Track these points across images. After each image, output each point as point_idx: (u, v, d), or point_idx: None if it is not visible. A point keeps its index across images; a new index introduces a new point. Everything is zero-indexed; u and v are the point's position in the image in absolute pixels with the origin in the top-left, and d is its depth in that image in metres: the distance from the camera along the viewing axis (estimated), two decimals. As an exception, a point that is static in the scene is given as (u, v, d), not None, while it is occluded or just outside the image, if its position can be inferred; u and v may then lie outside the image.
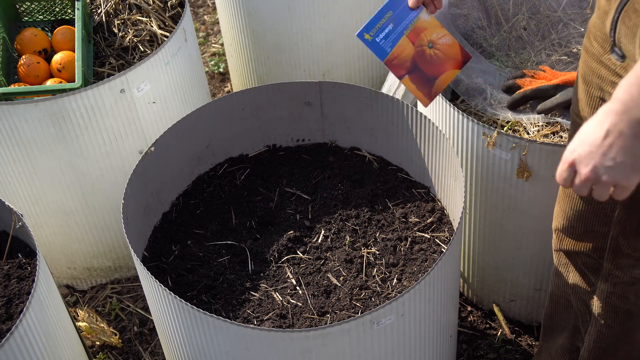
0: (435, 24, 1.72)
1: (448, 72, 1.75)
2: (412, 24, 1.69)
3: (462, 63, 1.76)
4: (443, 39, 1.73)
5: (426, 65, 1.72)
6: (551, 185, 1.82)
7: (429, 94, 1.74)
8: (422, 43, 1.71)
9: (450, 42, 1.73)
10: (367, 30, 1.69)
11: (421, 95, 1.74)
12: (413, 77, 1.72)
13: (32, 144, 2.04)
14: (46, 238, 2.31)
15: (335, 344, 1.48)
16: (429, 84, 1.73)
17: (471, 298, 2.28)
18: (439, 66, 1.73)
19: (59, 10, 2.32)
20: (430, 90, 1.74)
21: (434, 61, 1.72)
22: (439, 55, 1.73)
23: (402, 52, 1.70)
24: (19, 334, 1.53)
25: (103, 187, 2.20)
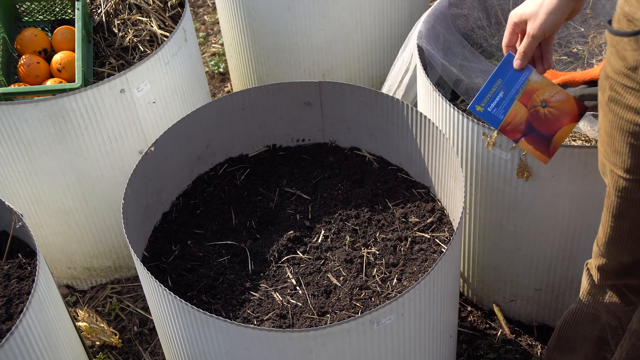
0: (547, 83, 1.66)
1: (564, 127, 1.68)
2: (523, 87, 1.64)
3: (579, 116, 1.68)
4: (556, 96, 1.66)
5: (541, 125, 1.67)
6: (551, 185, 1.82)
7: (546, 151, 1.68)
8: (534, 104, 1.66)
9: (565, 98, 1.66)
10: (478, 102, 1.66)
11: (539, 154, 1.68)
12: (529, 139, 1.67)
13: (32, 144, 2.04)
14: (46, 238, 2.31)
15: (335, 344, 1.48)
16: (546, 142, 1.68)
17: (471, 298, 2.28)
18: (554, 123, 1.67)
19: (59, 10, 2.32)
20: (548, 148, 1.68)
21: (549, 120, 1.67)
22: (554, 112, 1.67)
23: (516, 117, 1.66)
24: (19, 334, 1.53)
25: (103, 187, 2.20)
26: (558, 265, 2.01)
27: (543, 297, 2.12)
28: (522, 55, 1.60)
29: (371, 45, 2.68)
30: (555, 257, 1.99)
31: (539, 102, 1.66)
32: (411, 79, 2.36)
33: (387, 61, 2.72)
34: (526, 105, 1.66)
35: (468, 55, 2.06)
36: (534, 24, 1.51)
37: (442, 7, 2.12)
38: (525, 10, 1.53)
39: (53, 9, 2.32)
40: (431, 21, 2.08)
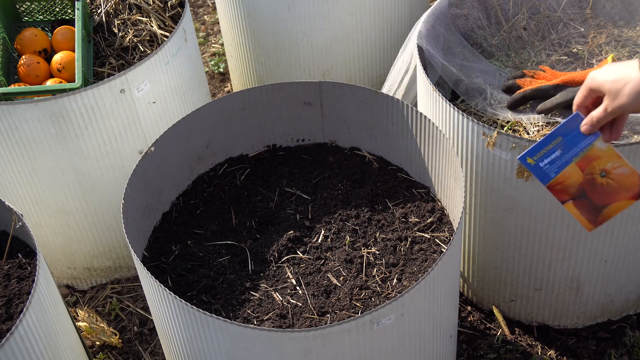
0: (612, 153, 1.54)
1: (619, 202, 1.59)
2: (584, 152, 1.54)
3: (638, 195, 1.59)
4: (620, 169, 1.55)
5: (595, 194, 1.58)
6: (551, 185, 1.82)
7: (594, 220, 1.61)
8: (593, 171, 1.56)
9: (628, 173, 1.56)
10: (530, 155, 1.58)
11: (585, 221, 1.61)
12: (578, 203, 1.60)
13: (32, 144, 2.04)
14: (46, 238, 2.31)
15: (335, 344, 1.48)
16: (596, 211, 1.60)
17: (471, 298, 2.28)
18: (610, 196, 1.58)
19: (59, 10, 2.32)
20: (596, 217, 1.60)
21: (605, 190, 1.58)
22: (612, 185, 1.57)
23: (568, 179, 1.58)
24: (19, 334, 1.53)
25: (103, 187, 2.20)
26: (558, 265, 2.01)
27: (543, 297, 2.12)
28: (593, 124, 1.49)
29: (371, 45, 2.68)
30: (555, 257, 1.99)
31: (599, 171, 1.57)
32: (411, 79, 2.36)
33: (387, 61, 2.72)
34: (583, 170, 1.57)
35: (468, 55, 2.06)
36: (614, 102, 1.41)
37: (442, 7, 2.12)
38: (605, 80, 1.42)
39: (53, 9, 2.32)
40: (431, 21, 2.08)
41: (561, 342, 2.17)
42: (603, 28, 2.13)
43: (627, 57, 2.03)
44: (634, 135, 1.81)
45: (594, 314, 2.16)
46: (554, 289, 2.08)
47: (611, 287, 2.08)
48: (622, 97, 1.39)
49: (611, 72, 1.41)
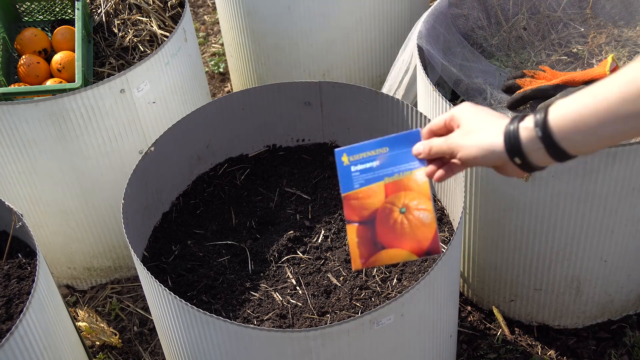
0: (425, 192, 1.34)
1: (402, 250, 1.35)
2: (399, 176, 1.35)
3: (425, 253, 1.34)
4: (422, 212, 1.34)
5: (384, 228, 1.35)
6: (551, 185, 1.82)
7: (365, 257, 1.35)
8: (395, 201, 1.35)
9: (427, 222, 1.33)
10: (349, 153, 1.40)
11: (356, 254, 1.36)
12: (362, 230, 1.36)
13: (32, 144, 2.04)
14: (46, 238, 2.31)
15: (335, 344, 1.48)
16: (374, 248, 1.36)
17: (471, 298, 2.28)
18: (397, 238, 1.35)
19: (59, 10, 2.32)
20: (369, 256, 1.35)
21: (395, 229, 1.35)
22: (405, 226, 1.35)
23: (368, 198, 1.36)
24: (19, 334, 1.53)
25: (103, 187, 2.20)
26: (558, 265, 2.01)
27: (543, 297, 2.12)
28: (428, 151, 1.31)
29: (371, 45, 2.68)
30: (555, 257, 1.99)
31: (401, 204, 1.35)
32: (411, 79, 2.36)
33: (387, 61, 2.72)
34: (387, 196, 1.36)
35: (468, 55, 2.06)
36: (461, 152, 1.23)
37: (442, 7, 2.12)
38: (460, 117, 1.25)
39: (53, 9, 2.32)
40: (431, 21, 2.08)
41: (561, 342, 2.17)
42: (603, 28, 2.13)
43: (627, 57, 2.03)
44: (634, 135, 1.81)
45: (594, 314, 2.16)
46: (554, 289, 2.08)
47: (611, 287, 2.08)
48: (469, 149, 1.21)
49: (471, 110, 1.25)
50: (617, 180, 1.79)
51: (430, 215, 1.34)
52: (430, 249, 1.34)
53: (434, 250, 1.34)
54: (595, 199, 1.83)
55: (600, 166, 1.75)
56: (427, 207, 1.34)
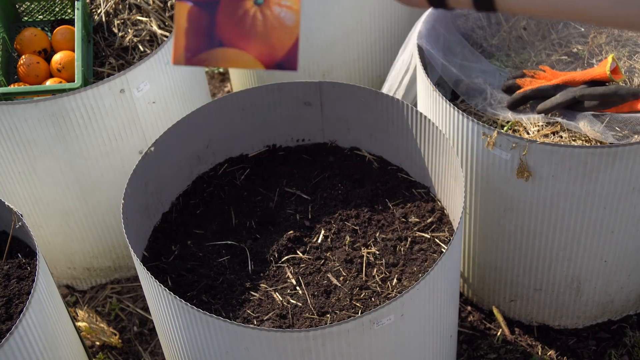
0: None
1: (245, 54, 1.07)
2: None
3: (275, 65, 1.08)
4: (284, 11, 1.06)
5: (227, 19, 1.07)
6: (551, 185, 1.82)
7: (192, 51, 1.07)
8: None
9: (289, 24, 1.06)
10: None
11: (181, 45, 1.06)
12: (194, 13, 1.06)
13: (32, 144, 2.04)
14: (46, 238, 2.31)
15: (335, 344, 1.48)
16: (207, 42, 1.07)
17: (471, 298, 2.28)
18: (242, 36, 1.07)
19: (58, 10, 2.32)
20: (198, 51, 1.07)
21: (242, 24, 1.06)
22: (258, 24, 1.06)
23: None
24: (18, 334, 1.53)
25: (103, 187, 2.20)
26: (558, 265, 2.01)
27: (543, 297, 2.12)
28: None
29: (371, 45, 2.68)
30: (555, 257, 1.99)
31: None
32: (411, 79, 2.36)
33: (387, 61, 2.72)
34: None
35: (468, 55, 2.06)
36: None
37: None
38: None
39: (53, 9, 2.32)
40: (431, 21, 2.08)
41: (561, 342, 2.17)
42: (603, 28, 2.13)
43: (627, 56, 2.03)
44: (634, 135, 1.81)
45: (594, 314, 2.16)
46: (554, 289, 2.08)
47: (611, 287, 2.08)
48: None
49: None
50: (617, 180, 1.79)
51: (295, 17, 1.06)
52: (284, 62, 1.07)
53: (288, 64, 1.07)
54: (595, 199, 1.83)
55: (600, 166, 1.75)
56: (293, 4, 1.06)
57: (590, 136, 1.83)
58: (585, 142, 1.84)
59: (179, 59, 1.06)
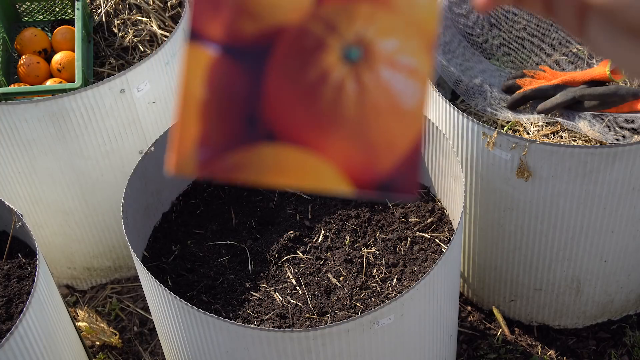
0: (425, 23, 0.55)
1: (319, 163, 0.55)
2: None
3: (380, 186, 0.56)
4: (400, 77, 0.54)
5: (286, 89, 0.55)
6: (551, 185, 1.82)
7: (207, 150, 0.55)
8: (336, 22, 0.54)
9: (411, 103, 0.54)
10: None
11: (186, 138, 0.56)
12: (221, 68, 0.55)
13: (32, 144, 2.04)
14: (46, 238, 2.31)
15: (335, 344, 1.48)
16: (242, 130, 0.56)
17: (471, 298, 2.28)
18: (317, 126, 0.55)
19: (59, 10, 2.32)
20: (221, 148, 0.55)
21: (320, 101, 0.55)
22: (349, 103, 0.54)
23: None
24: (18, 334, 1.53)
25: (103, 187, 2.20)
26: (558, 265, 2.01)
27: (543, 297, 2.12)
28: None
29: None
30: (555, 257, 1.99)
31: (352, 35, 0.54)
32: (411, 79, 2.35)
33: (387, 61, 2.72)
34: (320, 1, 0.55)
35: (468, 55, 2.06)
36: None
37: (442, 7, 2.12)
38: None
39: (53, 9, 2.32)
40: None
41: (561, 342, 2.17)
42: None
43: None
44: (634, 135, 1.81)
45: (594, 314, 2.16)
46: (554, 289, 2.08)
47: (611, 287, 2.08)
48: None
49: None
50: (617, 180, 1.79)
51: (421, 89, 0.55)
52: (395, 180, 0.56)
53: (402, 183, 0.56)
54: (595, 199, 1.83)
55: (600, 166, 1.75)
56: (423, 67, 0.55)
57: (590, 136, 1.83)
58: (585, 142, 1.84)
59: (185, 162, 0.56)
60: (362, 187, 0.55)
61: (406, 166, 0.54)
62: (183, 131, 0.55)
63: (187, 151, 0.55)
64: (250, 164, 0.53)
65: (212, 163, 0.54)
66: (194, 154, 0.55)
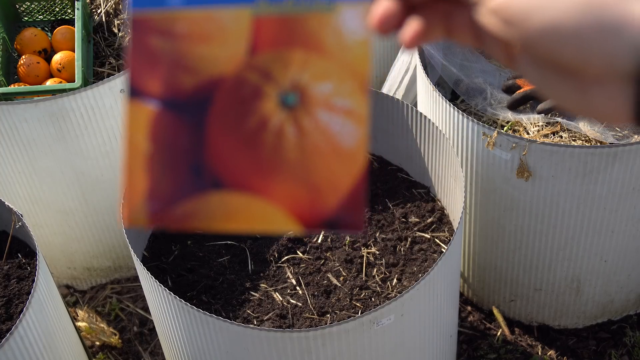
0: (356, 64, 0.55)
1: (265, 205, 0.56)
2: (300, 6, 0.55)
3: (325, 224, 0.56)
4: (337, 119, 0.56)
5: (228, 138, 0.56)
6: (551, 185, 1.82)
7: (157, 201, 0.56)
8: (272, 70, 0.55)
9: (350, 143, 0.56)
10: None
11: (136, 192, 0.56)
12: (162, 123, 0.56)
13: (32, 144, 2.04)
14: (46, 238, 2.31)
15: (335, 344, 1.48)
16: (189, 180, 0.56)
17: (471, 298, 2.28)
18: (259, 170, 0.56)
19: (59, 10, 2.32)
20: (170, 199, 0.56)
21: (261, 147, 0.56)
22: (289, 147, 0.56)
23: (201, 42, 0.55)
24: (18, 334, 1.53)
25: (103, 187, 2.20)
26: (558, 265, 2.01)
27: (543, 297, 2.11)
28: None
29: (371, 45, 2.68)
30: (555, 256, 1.99)
31: (288, 81, 0.55)
32: (411, 79, 2.35)
33: (387, 61, 2.72)
34: (255, 50, 0.56)
35: (468, 55, 2.06)
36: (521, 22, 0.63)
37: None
38: None
39: (53, 9, 2.32)
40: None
41: (561, 342, 2.17)
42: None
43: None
44: (634, 135, 1.81)
45: (594, 314, 2.16)
46: (554, 289, 2.08)
47: (611, 287, 2.08)
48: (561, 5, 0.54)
49: None
50: (617, 180, 1.79)
51: (360, 130, 0.56)
52: (339, 216, 0.56)
53: (346, 220, 0.56)
54: (595, 199, 1.83)
55: (600, 166, 1.75)
56: (359, 108, 0.56)
57: (590, 136, 1.82)
58: (585, 142, 1.84)
59: (136, 215, 0.56)
60: (309, 226, 0.56)
61: (351, 203, 0.56)
62: (131, 185, 0.57)
63: (137, 204, 0.56)
64: (199, 212, 0.55)
65: (162, 214, 0.56)
66: (144, 207, 0.56)
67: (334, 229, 0.56)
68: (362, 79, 0.56)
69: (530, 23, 0.52)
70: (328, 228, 0.56)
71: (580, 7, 0.50)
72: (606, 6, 0.50)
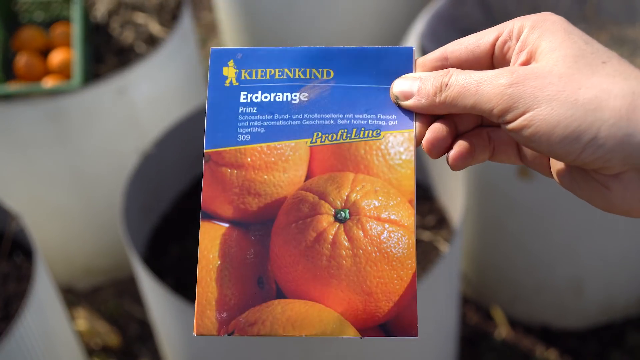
0: (403, 185, 0.62)
1: (324, 310, 0.60)
2: (351, 135, 0.63)
3: (380, 328, 0.60)
4: (386, 229, 0.61)
5: (290, 251, 0.62)
6: (551, 185, 1.82)
7: (226, 311, 0.63)
8: (327, 191, 0.63)
9: (400, 252, 0.61)
10: (241, 62, 0.66)
11: (207, 303, 0.64)
12: (231, 240, 0.66)
13: (30, 144, 2.04)
14: (45, 238, 2.31)
15: (335, 344, 1.48)
16: (254, 291, 0.63)
17: (471, 298, 2.28)
18: (317, 279, 0.61)
19: (57, 9, 2.32)
20: (239, 308, 0.62)
21: (319, 258, 0.61)
22: (343, 257, 0.61)
23: (265, 170, 0.64)
24: (17, 334, 1.53)
25: (102, 187, 2.19)
26: (559, 266, 2.01)
27: (544, 298, 2.11)
28: (433, 90, 0.67)
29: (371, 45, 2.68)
30: (555, 257, 1.99)
31: (341, 200, 0.63)
32: (411, 78, 2.35)
33: (387, 61, 2.72)
34: (310, 174, 0.64)
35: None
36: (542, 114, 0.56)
37: (442, 7, 2.11)
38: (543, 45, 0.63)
39: (51, 7, 2.31)
40: (431, 20, 2.08)
41: (562, 343, 2.17)
42: (604, 27, 2.13)
43: (628, 56, 2.03)
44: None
45: (596, 314, 2.16)
46: (555, 290, 2.08)
47: (613, 288, 2.08)
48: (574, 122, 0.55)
49: None
50: (618, 180, 1.78)
51: (408, 240, 0.61)
52: (394, 321, 0.60)
53: (401, 325, 0.60)
54: (596, 199, 1.82)
55: (601, 166, 1.75)
56: (405, 219, 0.61)
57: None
58: (586, 142, 1.84)
59: (208, 324, 0.62)
60: (363, 329, 0.61)
61: (403, 308, 0.60)
62: (203, 297, 0.65)
63: (207, 314, 0.64)
64: (264, 321, 0.61)
65: (230, 323, 0.63)
66: (214, 316, 0.63)
67: (388, 333, 0.61)
68: (407, 194, 0.63)
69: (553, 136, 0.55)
70: (384, 334, 0.61)
71: None
72: None
